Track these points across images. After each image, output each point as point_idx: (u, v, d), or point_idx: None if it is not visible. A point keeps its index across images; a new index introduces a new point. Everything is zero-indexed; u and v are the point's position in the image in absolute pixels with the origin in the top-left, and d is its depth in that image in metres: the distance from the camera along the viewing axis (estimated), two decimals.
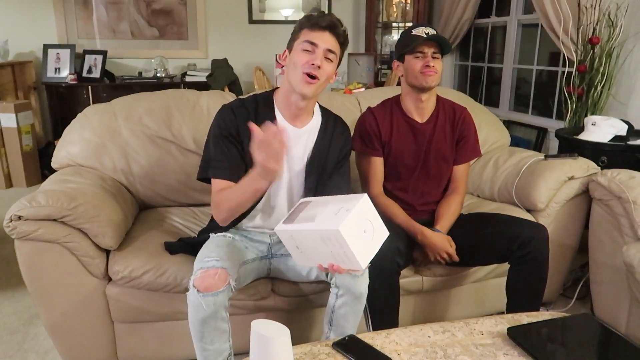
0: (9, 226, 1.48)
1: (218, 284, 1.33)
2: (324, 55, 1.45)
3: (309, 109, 1.57)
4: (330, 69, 1.47)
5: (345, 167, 1.65)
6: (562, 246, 2.09)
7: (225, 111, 1.52)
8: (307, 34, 1.46)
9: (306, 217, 1.26)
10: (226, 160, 1.48)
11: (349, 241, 1.15)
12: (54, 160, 1.98)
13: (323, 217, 1.21)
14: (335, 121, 1.65)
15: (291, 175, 1.57)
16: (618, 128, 2.36)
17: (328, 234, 1.16)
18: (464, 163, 1.90)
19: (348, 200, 1.22)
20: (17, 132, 3.74)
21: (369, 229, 1.20)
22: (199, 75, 4.31)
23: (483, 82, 4.14)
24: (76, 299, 1.61)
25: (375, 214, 1.22)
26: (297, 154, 1.56)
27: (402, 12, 4.75)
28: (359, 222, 1.17)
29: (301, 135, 1.56)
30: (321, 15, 1.46)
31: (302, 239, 1.26)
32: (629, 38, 2.63)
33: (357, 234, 1.17)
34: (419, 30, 1.71)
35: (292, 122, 1.55)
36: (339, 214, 1.17)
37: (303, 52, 1.45)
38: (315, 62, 1.42)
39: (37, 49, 4.24)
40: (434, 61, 1.70)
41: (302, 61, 1.44)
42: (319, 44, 1.44)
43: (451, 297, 1.96)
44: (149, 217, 1.95)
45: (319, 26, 1.44)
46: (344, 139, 1.65)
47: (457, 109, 1.88)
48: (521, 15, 3.63)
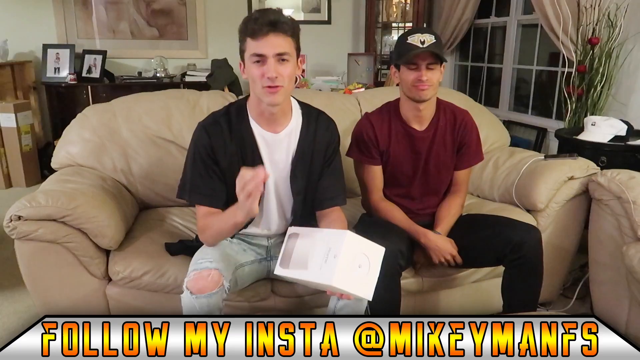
0: (9, 226, 1.48)
1: (211, 285, 1.32)
2: (277, 60, 1.34)
3: (284, 111, 1.49)
4: (288, 70, 1.37)
5: (335, 163, 1.58)
6: (562, 246, 2.09)
7: (199, 132, 1.48)
8: (251, 44, 1.34)
9: (299, 261, 1.26)
10: (206, 186, 1.46)
11: (345, 287, 1.16)
12: (54, 161, 1.98)
13: (314, 263, 1.20)
14: (318, 117, 1.57)
15: (277, 181, 1.53)
16: (618, 128, 2.36)
17: (324, 285, 1.18)
18: (466, 169, 1.87)
19: (332, 240, 1.20)
20: (16, 132, 3.73)
21: (364, 261, 1.19)
22: (198, 75, 4.30)
23: (483, 83, 4.14)
24: (76, 299, 1.61)
25: (364, 243, 1.20)
26: (279, 159, 1.51)
27: (402, 12, 4.75)
28: (350, 262, 1.16)
29: (281, 139, 1.50)
30: (257, 18, 1.33)
31: (303, 281, 1.28)
32: (628, 38, 2.62)
33: (352, 275, 1.16)
34: (414, 37, 1.61)
35: (269, 128, 1.49)
36: (328, 262, 1.16)
37: (255, 65, 1.35)
38: (269, 75, 1.33)
39: (36, 49, 4.23)
40: (429, 73, 1.62)
41: (257, 75, 1.35)
42: (266, 52, 1.33)
43: (451, 297, 1.96)
44: (149, 217, 1.95)
45: (259, 32, 1.32)
46: (330, 133, 1.57)
47: (457, 114, 1.82)
48: (521, 16, 3.62)
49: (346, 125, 2.11)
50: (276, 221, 1.59)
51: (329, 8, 4.84)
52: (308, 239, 1.30)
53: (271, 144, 1.49)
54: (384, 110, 1.83)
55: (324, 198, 1.55)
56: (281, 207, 1.57)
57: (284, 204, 1.57)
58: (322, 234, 1.28)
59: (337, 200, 1.57)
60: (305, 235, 1.32)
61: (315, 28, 4.77)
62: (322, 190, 1.55)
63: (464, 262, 1.79)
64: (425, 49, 1.59)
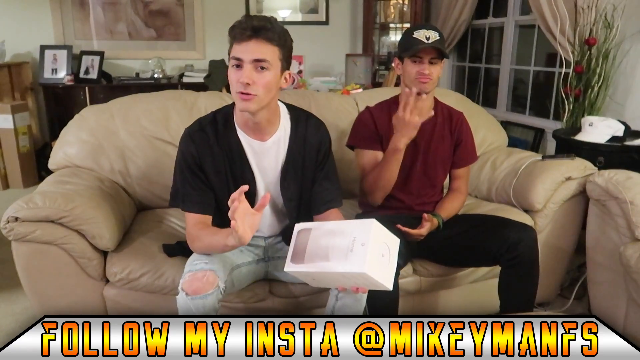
0: (6, 227, 1.48)
1: (206, 286, 1.32)
2: (255, 67, 1.31)
3: (269, 119, 1.44)
4: (266, 79, 1.32)
5: (328, 166, 1.56)
6: (560, 246, 2.09)
7: (185, 139, 1.46)
8: (234, 48, 1.33)
9: (317, 254, 1.23)
10: (195, 194, 1.45)
11: (374, 275, 1.15)
12: (51, 162, 1.97)
13: (337, 253, 1.19)
14: (307, 121, 1.54)
15: (268, 188, 1.51)
16: (615, 129, 2.37)
17: (351, 274, 1.16)
18: (464, 167, 1.92)
19: (357, 229, 1.19)
20: (13, 133, 3.73)
21: (385, 251, 1.19)
22: (196, 76, 4.30)
23: (480, 83, 4.15)
24: (73, 300, 1.61)
25: (386, 232, 1.21)
26: (268, 166, 1.49)
27: (399, 13, 4.76)
28: (377, 251, 1.16)
29: (269, 147, 1.48)
30: (241, 22, 1.31)
31: (320, 275, 1.25)
32: (625, 39, 2.63)
33: (378, 263, 1.16)
34: (420, 33, 1.67)
35: (255, 136, 1.46)
36: (355, 250, 1.15)
37: (233, 69, 1.33)
38: (242, 80, 1.30)
39: (34, 50, 4.22)
40: (431, 67, 1.69)
41: (233, 79, 1.33)
42: (244, 57, 1.30)
43: (449, 297, 1.96)
44: (147, 219, 1.94)
45: (241, 37, 1.30)
46: (320, 136, 1.54)
47: (453, 114, 1.90)
48: (518, 16, 3.63)
49: (344, 126, 2.11)
50: (267, 224, 1.59)
51: (327, 9, 4.85)
52: (323, 232, 1.27)
53: (259, 152, 1.48)
54: (384, 103, 1.89)
55: (320, 202, 1.54)
56: (274, 213, 1.57)
57: (275, 209, 1.56)
58: (341, 225, 1.26)
59: (334, 203, 1.56)
60: (318, 228, 1.29)
61: (313, 29, 4.78)
62: (317, 195, 1.54)
63: (461, 261, 1.79)
64: (430, 44, 1.66)
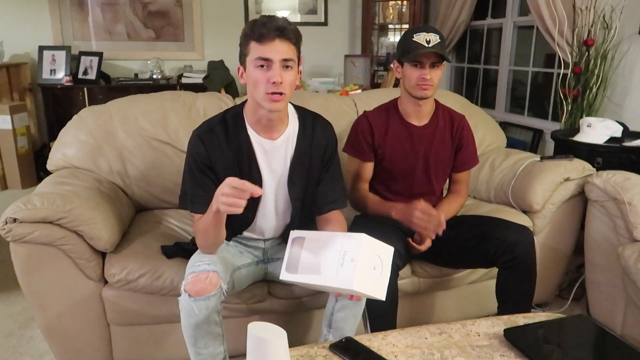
0: (4, 229, 1.48)
1: (209, 288, 1.32)
2: (282, 66, 1.32)
3: (281, 118, 1.46)
4: (292, 77, 1.35)
5: (333, 166, 1.57)
6: (558, 247, 2.09)
7: (194, 141, 1.45)
8: (256, 48, 1.32)
9: (310, 266, 1.24)
10: (205, 195, 1.42)
11: (364, 291, 1.15)
12: (50, 162, 1.97)
13: (328, 267, 1.19)
14: (314, 121, 1.55)
15: (275, 188, 1.52)
16: (613, 129, 2.37)
17: (341, 289, 1.17)
18: (465, 171, 1.89)
19: (347, 244, 1.19)
20: (12, 134, 3.73)
21: (377, 263, 1.19)
22: (195, 77, 4.30)
23: (479, 84, 4.16)
24: (72, 301, 1.61)
25: (376, 245, 1.20)
26: (277, 166, 1.50)
27: (398, 14, 4.76)
28: (367, 265, 1.16)
29: (279, 146, 1.48)
30: (264, 22, 1.31)
31: (313, 285, 1.26)
32: (623, 40, 2.64)
33: (368, 277, 1.16)
34: (420, 36, 1.63)
35: (266, 135, 1.47)
36: (345, 266, 1.16)
37: (259, 70, 1.33)
38: (275, 80, 1.31)
39: (32, 51, 4.22)
40: (432, 72, 1.65)
41: (261, 80, 1.33)
42: (273, 57, 1.31)
43: (448, 298, 1.96)
44: (145, 220, 1.94)
45: (266, 37, 1.30)
46: (327, 137, 1.55)
47: (455, 117, 1.86)
48: (517, 17, 3.64)
49: (343, 127, 2.11)
50: (272, 227, 1.59)
51: (326, 10, 4.85)
52: (316, 243, 1.27)
53: (269, 152, 1.48)
54: (382, 108, 1.86)
55: (324, 202, 1.54)
56: (278, 213, 1.56)
57: (280, 210, 1.56)
58: (333, 237, 1.25)
59: (338, 203, 1.56)
60: (312, 239, 1.29)
61: (311, 30, 4.78)
62: (322, 195, 1.54)
63: (458, 262, 1.79)
64: (431, 49, 1.61)
